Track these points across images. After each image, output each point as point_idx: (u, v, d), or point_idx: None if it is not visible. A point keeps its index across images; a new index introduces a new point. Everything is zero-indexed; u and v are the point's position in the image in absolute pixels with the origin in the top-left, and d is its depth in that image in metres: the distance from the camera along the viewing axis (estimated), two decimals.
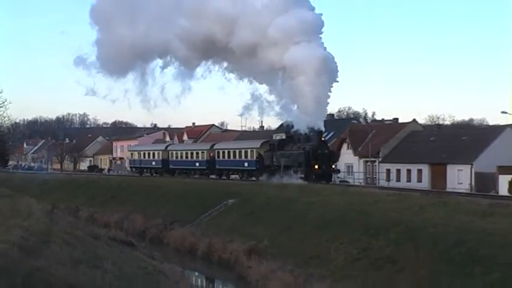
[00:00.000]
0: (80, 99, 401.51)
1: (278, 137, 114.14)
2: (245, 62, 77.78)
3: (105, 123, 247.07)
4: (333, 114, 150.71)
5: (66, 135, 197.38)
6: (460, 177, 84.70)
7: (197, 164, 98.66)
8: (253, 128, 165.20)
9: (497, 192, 73.61)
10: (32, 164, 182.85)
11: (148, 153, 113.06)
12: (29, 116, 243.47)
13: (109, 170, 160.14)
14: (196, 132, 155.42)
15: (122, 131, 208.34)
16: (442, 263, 29.52)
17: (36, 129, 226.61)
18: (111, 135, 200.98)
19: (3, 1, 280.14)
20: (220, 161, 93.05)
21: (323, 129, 73.40)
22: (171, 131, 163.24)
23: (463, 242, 30.15)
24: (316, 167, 68.28)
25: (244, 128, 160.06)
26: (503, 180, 78.17)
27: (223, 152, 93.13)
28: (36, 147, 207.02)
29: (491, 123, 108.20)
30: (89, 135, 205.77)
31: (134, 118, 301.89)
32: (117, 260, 33.54)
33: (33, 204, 39.80)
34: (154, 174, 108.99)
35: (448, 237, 31.58)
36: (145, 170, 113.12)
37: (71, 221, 46.63)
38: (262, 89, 79.94)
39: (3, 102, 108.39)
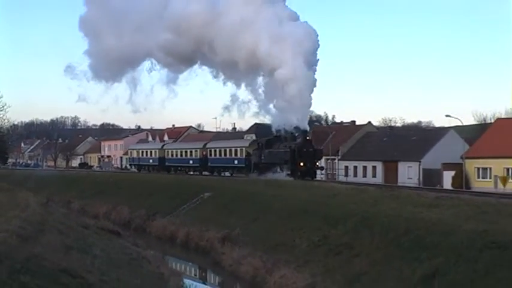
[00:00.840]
0: (71, 104, 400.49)
1: (249, 137, 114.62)
2: (230, 67, 76.33)
3: (94, 125, 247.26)
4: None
5: (59, 136, 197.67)
6: (409, 173, 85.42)
7: (191, 162, 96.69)
8: (227, 129, 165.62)
9: (442, 186, 74.34)
10: (29, 162, 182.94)
11: (146, 152, 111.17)
12: (26, 119, 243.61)
13: (98, 166, 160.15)
14: (176, 133, 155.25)
15: (109, 132, 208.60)
16: (394, 249, 29.82)
17: (32, 130, 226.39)
18: (99, 135, 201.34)
19: (2, 10, 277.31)
20: (212, 159, 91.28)
21: (307, 128, 71.74)
22: (153, 132, 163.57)
23: (412, 230, 30.48)
24: (302, 164, 66.21)
25: (218, 129, 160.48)
26: (447, 176, 79.27)
27: (215, 151, 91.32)
28: (32, 147, 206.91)
29: (436, 125, 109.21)
30: (80, 136, 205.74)
31: (120, 120, 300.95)
32: (105, 247, 33.73)
33: (30, 197, 39.77)
34: (151, 171, 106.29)
35: (398, 226, 31.90)
36: (143, 167, 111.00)
37: (63, 212, 46.66)
38: (244, 92, 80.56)
39: (3, 106, 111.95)
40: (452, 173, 78.67)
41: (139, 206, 65.01)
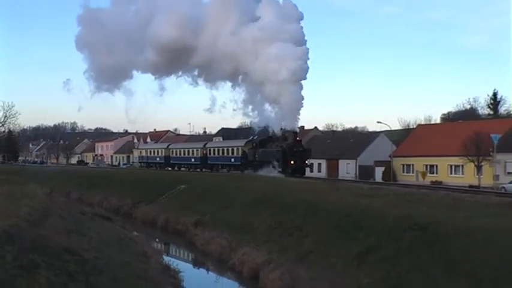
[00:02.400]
0: (71, 111, 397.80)
1: (217, 139, 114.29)
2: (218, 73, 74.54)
3: (89, 129, 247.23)
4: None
5: (61, 138, 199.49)
6: (348, 169, 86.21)
7: (192, 160, 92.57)
8: (198, 132, 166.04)
9: (374, 179, 74.96)
10: (36, 159, 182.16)
11: (154, 151, 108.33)
12: (34, 124, 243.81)
13: (92, 163, 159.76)
14: (157, 136, 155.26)
15: (102, 134, 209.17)
16: (336, 230, 29.91)
17: (38, 134, 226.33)
18: (94, 138, 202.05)
19: (12, 24, 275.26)
20: (211, 157, 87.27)
21: (297, 130, 68.39)
22: (138, 135, 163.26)
23: (351, 215, 30.62)
24: (292, 162, 63.40)
25: (192, 133, 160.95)
26: (378, 171, 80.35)
27: (214, 150, 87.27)
28: (38, 147, 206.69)
29: (370, 130, 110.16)
30: (78, 138, 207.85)
31: (111, 124, 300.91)
32: (98, 230, 33.58)
33: (36, 188, 39.37)
34: (158, 168, 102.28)
35: (340, 212, 32.03)
36: (151, 165, 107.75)
37: (64, 201, 46.36)
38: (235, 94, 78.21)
39: (15, 114, 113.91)
40: (383, 168, 79.68)
41: (127, 196, 64.65)
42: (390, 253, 24.05)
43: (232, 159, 79.82)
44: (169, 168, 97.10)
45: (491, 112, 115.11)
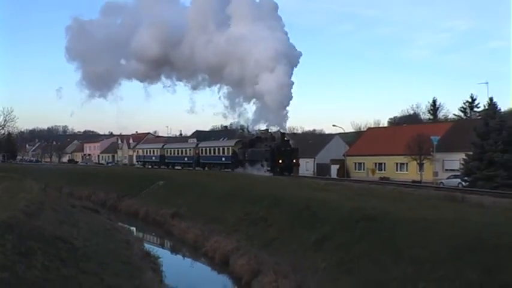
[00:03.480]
0: (63, 115, 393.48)
1: (191, 141, 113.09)
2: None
3: (79, 131, 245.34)
4: (226, 126, 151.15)
5: (54, 139, 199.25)
6: (307, 167, 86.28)
7: (186, 159, 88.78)
8: (175, 134, 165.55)
9: (330, 176, 75.29)
10: (32, 159, 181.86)
11: (150, 151, 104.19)
12: (30, 126, 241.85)
13: (81, 162, 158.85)
14: (139, 138, 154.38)
15: (90, 136, 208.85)
16: (296, 220, 30.01)
17: (34, 135, 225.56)
18: (83, 139, 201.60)
19: (10, 35, 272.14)
20: (203, 156, 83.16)
21: (286, 130, 65.08)
22: (121, 137, 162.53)
23: (309, 207, 30.71)
24: (280, 161, 60.12)
25: (169, 135, 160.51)
26: (333, 168, 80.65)
27: (206, 149, 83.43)
28: (34, 147, 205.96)
29: (326, 132, 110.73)
30: (68, 139, 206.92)
31: (98, 127, 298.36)
32: (87, 221, 33.44)
33: (32, 184, 39.25)
34: (154, 167, 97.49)
35: (300, 204, 32.12)
36: (147, 163, 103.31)
37: (57, 195, 46.07)
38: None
39: (13, 118, 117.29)
40: (337, 166, 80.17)
41: (112, 190, 64.28)
42: (344, 240, 24.21)
43: (223, 159, 76.57)
44: (165, 167, 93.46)
45: (431, 117, 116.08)
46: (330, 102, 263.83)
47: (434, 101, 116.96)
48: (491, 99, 53.58)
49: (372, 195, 32.26)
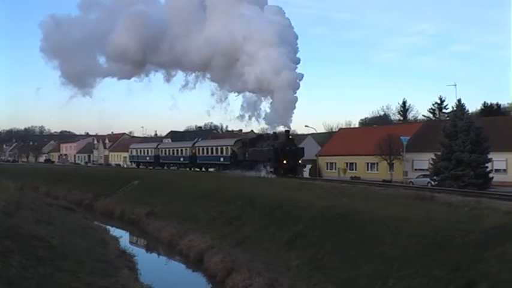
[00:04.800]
0: (40, 116, 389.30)
1: (166, 141, 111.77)
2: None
3: (55, 131, 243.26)
4: (201, 127, 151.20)
5: (31, 140, 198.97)
6: None
7: (181, 159, 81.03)
8: (150, 135, 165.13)
9: (303, 175, 75.31)
10: (9, 158, 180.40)
11: (144, 151, 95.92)
12: (7, 127, 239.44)
13: (58, 162, 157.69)
14: (114, 138, 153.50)
15: (66, 136, 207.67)
16: (269, 219, 30.14)
17: (11, 136, 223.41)
18: (59, 139, 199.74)
19: None
20: (200, 156, 75.47)
21: (290, 128, 58.74)
22: (97, 137, 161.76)
23: (282, 206, 30.89)
24: (285, 162, 53.91)
25: (144, 135, 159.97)
26: (306, 168, 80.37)
27: (203, 149, 75.78)
28: (11, 147, 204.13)
29: (299, 132, 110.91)
30: (45, 140, 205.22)
31: (73, 127, 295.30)
32: (63, 220, 33.33)
33: (9, 184, 38.84)
34: (149, 167, 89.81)
35: (273, 203, 32.27)
36: (141, 164, 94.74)
37: (33, 195, 45.80)
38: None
39: None
40: (310, 166, 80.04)
41: (88, 190, 63.86)
42: (316, 238, 24.41)
43: (222, 159, 69.34)
44: (160, 168, 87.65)
45: (401, 118, 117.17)
46: (302, 104, 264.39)
47: (404, 103, 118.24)
48: (459, 100, 54.08)
49: (343, 194, 32.46)
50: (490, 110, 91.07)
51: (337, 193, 33.38)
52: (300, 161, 56.46)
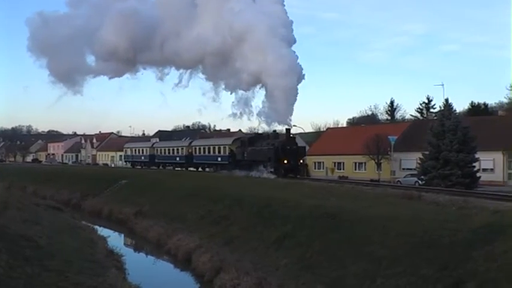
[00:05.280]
0: (27, 115, 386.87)
1: (154, 140, 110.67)
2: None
3: (43, 131, 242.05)
4: (188, 126, 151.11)
5: (18, 139, 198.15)
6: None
7: (177, 159, 77.92)
8: (138, 134, 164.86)
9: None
10: None
11: (139, 150, 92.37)
12: None
13: (45, 161, 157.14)
14: (102, 138, 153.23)
15: (54, 136, 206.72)
16: (257, 219, 30.16)
17: None
18: (46, 139, 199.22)
19: None
20: (197, 156, 72.27)
21: (291, 126, 54.45)
22: (85, 136, 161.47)
23: (270, 205, 30.94)
24: (285, 161, 50.99)
25: (132, 135, 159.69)
26: None
27: (200, 148, 72.79)
28: None
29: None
30: (33, 139, 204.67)
31: (61, 127, 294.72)
32: (51, 220, 33.20)
33: None
34: (144, 167, 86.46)
35: (260, 203, 32.32)
36: (136, 164, 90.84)
37: (21, 194, 45.58)
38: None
39: None
40: None
41: (76, 189, 63.61)
42: (304, 238, 24.46)
43: (219, 158, 66.20)
44: (155, 167, 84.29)
45: (389, 117, 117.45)
46: None
47: (391, 102, 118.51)
48: (446, 100, 54.27)
49: (331, 194, 32.53)
50: (477, 110, 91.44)
51: (325, 192, 33.46)
52: (301, 161, 53.77)
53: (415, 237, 19.31)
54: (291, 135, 54.50)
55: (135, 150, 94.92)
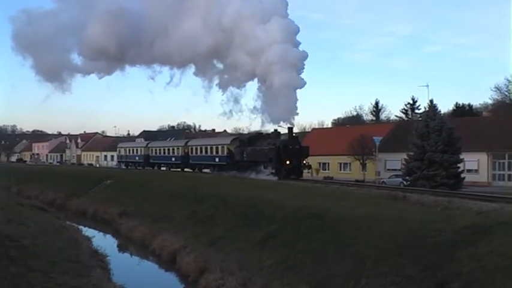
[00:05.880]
0: (11, 115, 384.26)
1: (139, 140, 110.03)
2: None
3: (27, 131, 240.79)
4: (174, 126, 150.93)
5: (2, 139, 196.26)
6: None
7: (173, 159, 74.18)
8: (123, 134, 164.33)
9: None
10: None
11: (133, 150, 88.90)
12: None
13: (30, 161, 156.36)
14: (87, 138, 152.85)
15: (38, 136, 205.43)
16: (242, 219, 30.23)
17: None
18: (31, 139, 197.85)
19: None
20: (193, 156, 68.49)
21: (294, 124, 51.48)
22: (70, 136, 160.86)
23: (255, 206, 30.99)
24: (288, 162, 47.39)
25: (117, 135, 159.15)
26: None
27: (196, 148, 68.93)
28: None
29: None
30: (17, 139, 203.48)
31: (46, 127, 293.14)
32: (35, 220, 33.14)
33: None
34: (138, 168, 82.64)
35: (246, 203, 32.41)
36: (130, 164, 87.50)
37: (5, 194, 45.51)
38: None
39: None
40: None
41: (60, 189, 63.52)
42: (289, 238, 24.53)
43: (217, 159, 62.40)
44: (150, 168, 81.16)
45: (374, 118, 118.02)
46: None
47: (376, 103, 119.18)
48: (431, 101, 54.62)
49: (316, 194, 32.58)
50: (462, 111, 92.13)
51: (310, 193, 33.51)
52: (304, 162, 49.76)
53: (399, 237, 19.40)
54: (294, 134, 51.76)
55: (129, 150, 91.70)
